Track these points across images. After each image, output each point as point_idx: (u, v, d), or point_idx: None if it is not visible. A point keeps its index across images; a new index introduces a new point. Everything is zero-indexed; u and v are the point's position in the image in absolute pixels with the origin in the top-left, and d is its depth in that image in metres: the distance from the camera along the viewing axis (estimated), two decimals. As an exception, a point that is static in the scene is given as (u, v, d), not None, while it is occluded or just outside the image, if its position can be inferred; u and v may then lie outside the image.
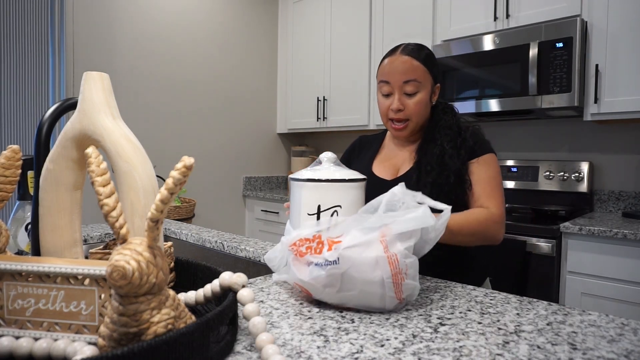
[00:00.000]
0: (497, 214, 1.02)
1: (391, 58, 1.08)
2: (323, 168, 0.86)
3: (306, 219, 0.83)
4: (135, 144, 0.56)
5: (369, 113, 2.78)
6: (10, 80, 2.20)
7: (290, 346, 0.54)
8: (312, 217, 0.82)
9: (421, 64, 1.06)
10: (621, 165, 2.17)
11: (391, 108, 1.08)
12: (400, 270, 0.64)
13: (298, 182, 0.85)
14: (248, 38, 3.23)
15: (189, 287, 0.70)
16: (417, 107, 1.07)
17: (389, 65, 1.08)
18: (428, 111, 1.11)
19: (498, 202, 1.04)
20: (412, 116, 1.08)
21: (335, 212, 0.82)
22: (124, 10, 2.58)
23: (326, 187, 0.82)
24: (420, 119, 1.10)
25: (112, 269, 0.40)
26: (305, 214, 0.83)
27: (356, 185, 0.84)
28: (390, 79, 1.07)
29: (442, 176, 1.04)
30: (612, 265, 1.65)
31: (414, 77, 1.05)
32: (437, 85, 1.13)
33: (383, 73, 1.09)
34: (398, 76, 1.06)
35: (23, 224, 0.87)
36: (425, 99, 1.08)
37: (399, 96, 1.07)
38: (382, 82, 1.09)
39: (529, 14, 2.09)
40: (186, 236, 1.41)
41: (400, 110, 1.07)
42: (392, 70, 1.07)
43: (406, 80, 1.05)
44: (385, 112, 1.11)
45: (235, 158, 3.20)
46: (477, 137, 1.09)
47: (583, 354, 0.53)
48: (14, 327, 0.49)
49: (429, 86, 1.09)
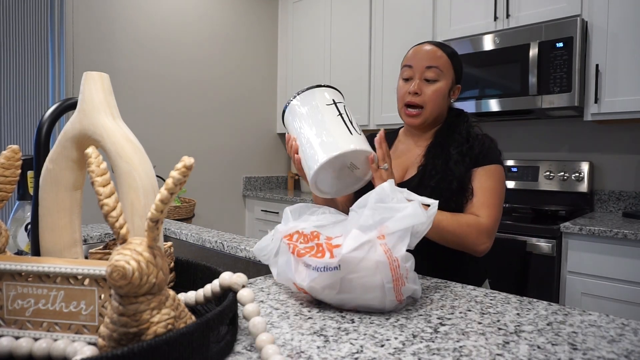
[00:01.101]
0: (485, 224, 0.99)
1: (418, 46, 1.11)
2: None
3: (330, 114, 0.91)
4: (135, 144, 0.56)
5: (369, 113, 2.78)
6: (10, 80, 2.20)
7: (290, 346, 0.54)
8: (331, 108, 0.92)
9: (446, 55, 1.09)
10: (621, 165, 2.17)
11: (409, 91, 1.08)
12: (400, 275, 0.64)
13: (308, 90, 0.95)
14: (248, 38, 3.23)
15: (189, 287, 0.70)
16: (434, 94, 1.07)
17: (414, 51, 1.11)
18: (444, 105, 1.10)
19: (491, 213, 1.01)
20: (427, 103, 1.07)
21: (345, 105, 0.94)
22: (124, 10, 2.58)
23: (331, 90, 0.96)
24: (434, 109, 1.09)
25: (112, 269, 0.40)
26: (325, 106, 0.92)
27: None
28: (414, 62, 1.09)
29: (445, 181, 1.02)
30: (612, 265, 1.65)
31: (436, 64, 1.07)
32: (458, 86, 1.13)
33: (407, 58, 1.11)
34: (422, 61, 1.07)
35: (23, 224, 0.87)
36: (444, 90, 1.08)
37: (419, 81, 1.08)
38: (405, 66, 1.11)
39: (529, 14, 2.09)
40: (186, 236, 1.41)
41: (417, 94, 1.08)
42: (416, 55, 1.09)
43: (429, 66, 1.07)
44: (403, 96, 1.11)
45: (235, 158, 3.20)
46: (485, 146, 1.07)
47: (583, 354, 0.53)
48: (13, 327, 0.49)
49: (450, 80, 1.09)
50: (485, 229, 0.99)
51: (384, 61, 2.69)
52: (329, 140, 0.87)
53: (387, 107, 2.68)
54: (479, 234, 0.98)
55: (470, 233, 0.97)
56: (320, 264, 0.64)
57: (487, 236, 1.00)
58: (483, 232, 0.99)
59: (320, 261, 0.65)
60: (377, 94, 2.74)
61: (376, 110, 2.74)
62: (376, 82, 2.74)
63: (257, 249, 0.80)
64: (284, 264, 0.71)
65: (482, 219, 0.99)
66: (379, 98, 2.72)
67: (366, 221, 0.67)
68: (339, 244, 0.67)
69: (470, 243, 0.98)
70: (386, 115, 2.68)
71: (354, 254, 0.63)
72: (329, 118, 0.91)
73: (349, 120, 0.91)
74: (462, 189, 1.03)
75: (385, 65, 2.69)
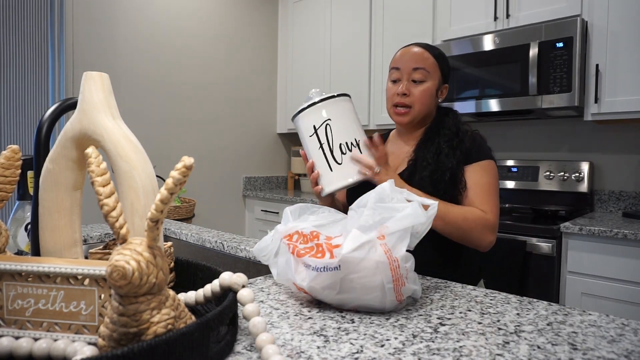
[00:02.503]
0: (490, 220, 1.02)
1: (405, 49, 1.15)
2: (310, 100, 1.00)
3: (313, 146, 0.99)
4: (135, 144, 0.56)
5: (369, 113, 2.78)
6: (10, 80, 2.20)
7: (290, 346, 0.54)
8: (313, 139, 0.98)
9: (432, 57, 1.12)
10: (621, 165, 2.16)
11: (397, 92, 1.12)
12: (400, 275, 0.64)
13: (294, 120, 1.02)
14: (248, 38, 3.23)
15: (189, 287, 0.70)
16: (421, 95, 1.10)
17: (401, 53, 1.14)
18: (432, 104, 1.13)
19: (493, 209, 1.03)
20: (415, 103, 1.11)
21: (328, 125, 0.97)
22: (124, 10, 2.58)
23: (312, 110, 0.98)
24: (422, 108, 1.11)
25: (112, 269, 0.40)
26: (309, 137, 0.99)
27: (338, 99, 0.99)
28: (401, 65, 1.12)
29: (437, 172, 1.04)
30: (612, 265, 1.65)
31: (423, 65, 1.10)
32: (445, 85, 1.16)
33: (395, 60, 1.15)
34: (409, 63, 1.11)
35: (23, 224, 0.87)
36: (431, 90, 1.11)
37: (406, 82, 1.11)
38: (393, 68, 1.14)
39: (529, 14, 2.09)
40: (186, 236, 1.41)
41: (405, 95, 1.11)
42: (403, 57, 1.13)
43: (415, 67, 1.10)
44: (391, 98, 1.14)
45: (235, 158, 3.20)
46: (476, 141, 1.09)
47: (583, 354, 0.53)
48: (13, 327, 0.49)
49: (437, 80, 1.12)
50: (491, 225, 1.01)
51: (384, 61, 2.69)
52: (319, 180, 1.01)
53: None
54: (485, 230, 1.00)
55: (475, 227, 0.99)
56: (320, 264, 0.64)
57: (492, 231, 1.02)
58: (489, 227, 1.01)
59: (320, 261, 0.65)
60: (377, 94, 2.74)
61: (376, 110, 2.74)
62: (376, 82, 2.74)
63: (257, 250, 0.80)
64: (284, 264, 0.71)
65: (487, 215, 1.02)
66: (379, 98, 2.72)
67: (366, 221, 0.67)
68: (339, 244, 0.67)
69: (475, 238, 1.00)
70: (386, 115, 2.66)
71: (354, 254, 0.63)
72: (313, 152, 1.00)
73: (329, 150, 0.98)
74: (454, 181, 1.05)
75: (385, 66, 2.69)
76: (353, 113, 1.02)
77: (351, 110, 1.02)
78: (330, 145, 0.97)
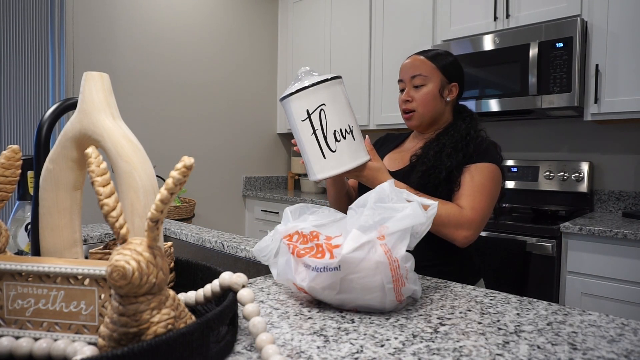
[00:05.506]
0: (467, 216, 1.01)
1: (404, 62, 1.22)
2: (300, 81, 0.96)
3: (305, 131, 0.94)
4: (135, 144, 0.56)
5: (369, 113, 2.78)
6: (10, 80, 2.20)
7: (290, 346, 0.54)
8: (306, 124, 0.93)
9: (428, 60, 1.17)
10: (621, 165, 2.17)
11: (402, 100, 1.20)
12: (400, 275, 0.64)
13: (283, 101, 0.96)
14: (248, 38, 3.23)
15: (189, 287, 0.70)
16: (422, 97, 1.16)
17: (402, 66, 1.22)
18: (437, 105, 1.17)
19: (475, 206, 1.03)
20: (417, 107, 1.17)
21: (322, 110, 0.93)
22: (124, 10, 2.58)
23: (306, 93, 0.93)
24: (426, 110, 1.16)
25: (112, 269, 0.40)
26: (301, 122, 0.94)
27: (332, 82, 0.95)
28: (402, 76, 1.21)
29: (434, 169, 1.07)
30: (612, 265, 1.65)
31: (419, 72, 1.16)
32: (454, 84, 1.19)
33: (400, 72, 1.22)
34: (407, 73, 1.19)
35: (23, 224, 0.87)
36: (433, 92, 1.16)
37: (408, 89, 1.19)
38: (399, 81, 1.22)
39: (529, 14, 2.09)
40: (186, 236, 1.41)
41: (407, 101, 1.18)
42: (403, 69, 1.21)
43: (413, 75, 1.17)
44: (400, 106, 1.22)
45: (235, 158, 3.20)
46: (482, 147, 1.10)
47: (583, 354, 0.53)
48: (13, 327, 0.49)
49: (437, 81, 1.16)
50: (466, 221, 1.01)
51: (384, 61, 2.69)
52: (308, 164, 0.98)
53: (387, 107, 2.68)
54: (458, 225, 1.01)
55: (449, 223, 1.00)
56: (320, 264, 0.64)
57: (468, 228, 1.01)
58: (463, 223, 1.01)
59: (320, 261, 0.65)
60: (377, 94, 2.74)
61: (376, 110, 2.74)
62: (376, 82, 2.74)
63: (257, 250, 0.80)
64: (284, 265, 0.71)
65: (464, 211, 1.02)
66: (379, 98, 2.72)
67: (366, 221, 0.67)
68: (339, 244, 0.67)
69: (448, 233, 1.01)
70: (386, 115, 2.68)
71: (354, 254, 0.63)
72: (305, 138, 0.96)
73: (323, 137, 0.95)
74: (449, 180, 1.07)
75: (385, 66, 2.69)
76: (346, 97, 1.00)
77: (344, 94, 0.99)
78: (325, 132, 0.94)
